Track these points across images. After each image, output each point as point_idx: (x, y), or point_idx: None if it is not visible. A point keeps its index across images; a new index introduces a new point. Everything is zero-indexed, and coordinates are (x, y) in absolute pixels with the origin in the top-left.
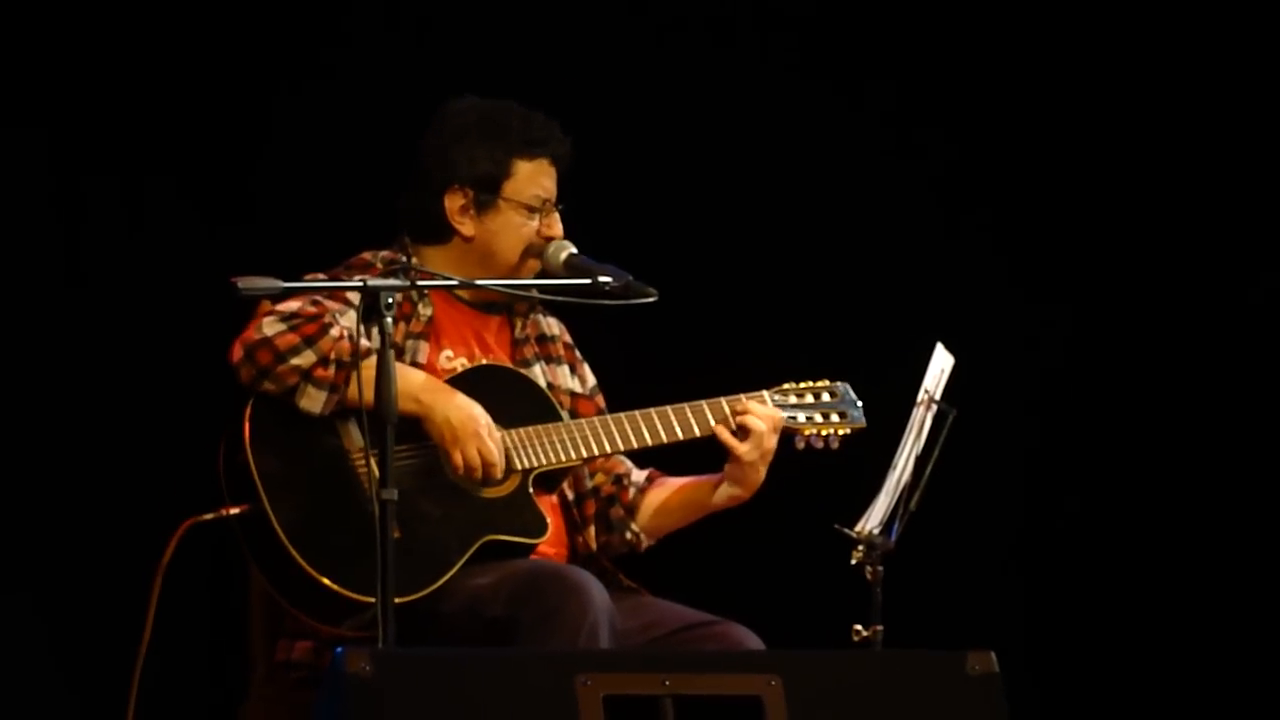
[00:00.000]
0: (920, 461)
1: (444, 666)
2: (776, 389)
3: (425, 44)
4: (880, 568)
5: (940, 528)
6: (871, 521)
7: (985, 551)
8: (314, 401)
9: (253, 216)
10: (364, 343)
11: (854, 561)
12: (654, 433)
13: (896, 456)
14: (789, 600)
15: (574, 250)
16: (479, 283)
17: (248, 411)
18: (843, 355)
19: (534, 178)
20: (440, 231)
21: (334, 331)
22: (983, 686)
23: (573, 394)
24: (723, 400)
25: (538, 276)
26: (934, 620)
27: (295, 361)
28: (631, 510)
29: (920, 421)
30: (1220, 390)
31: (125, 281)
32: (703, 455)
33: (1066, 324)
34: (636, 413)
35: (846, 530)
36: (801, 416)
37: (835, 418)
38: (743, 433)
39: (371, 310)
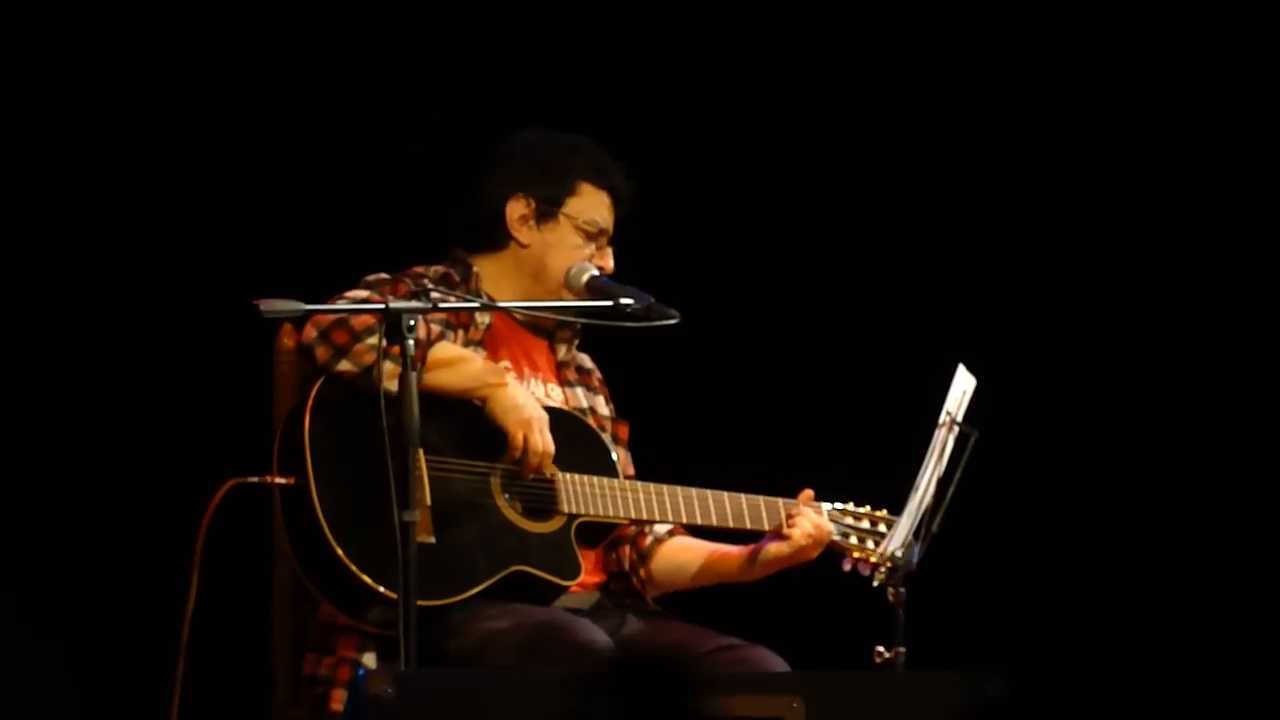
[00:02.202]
0: (942, 483)
1: (465, 688)
2: (838, 507)
3: (448, 74)
4: (902, 589)
5: (962, 550)
6: (894, 543)
7: (1008, 573)
8: (394, 380)
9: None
10: (435, 328)
11: (876, 583)
12: (706, 514)
13: (918, 478)
14: (811, 622)
15: (595, 272)
16: (500, 305)
17: (315, 389)
18: (865, 376)
19: (594, 204)
20: (497, 238)
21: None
22: (1004, 708)
23: (612, 419)
24: (780, 503)
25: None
26: (956, 642)
27: (372, 341)
28: (645, 557)
29: (942, 443)
30: (1247, 417)
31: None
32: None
33: (1091, 345)
34: (693, 490)
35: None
36: (854, 539)
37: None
38: (789, 536)
39: (394, 331)
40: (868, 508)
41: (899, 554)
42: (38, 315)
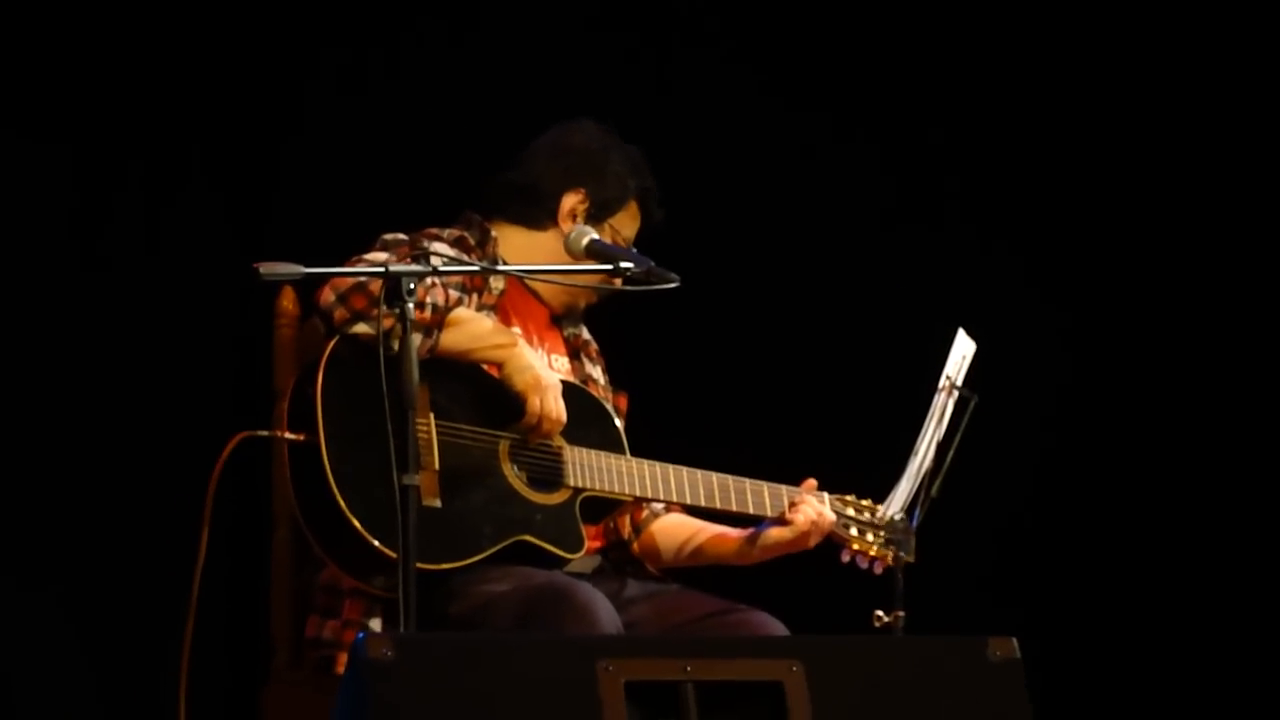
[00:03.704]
0: (942, 447)
1: (466, 652)
2: (839, 496)
3: (448, 40)
4: (901, 554)
5: (962, 513)
6: (893, 507)
7: (1007, 537)
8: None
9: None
10: (453, 294)
11: (879, 573)
12: (710, 496)
13: (918, 442)
14: (810, 586)
15: (595, 236)
16: (500, 269)
17: (329, 347)
18: (865, 340)
19: (633, 221)
20: (540, 218)
21: (427, 279)
22: (1004, 672)
23: (611, 390)
24: (784, 490)
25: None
26: (955, 606)
27: (387, 307)
28: (638, 530)
29: (941, 407)
30: (1246, 376)
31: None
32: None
33: (1090, 310)
34: (698, 472)
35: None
36: (854, 530)
37: (885, 542)
38: (790, 521)
39: (393, 295)
40: (869, 501)
41: (898, 517)
42: (38, 284)
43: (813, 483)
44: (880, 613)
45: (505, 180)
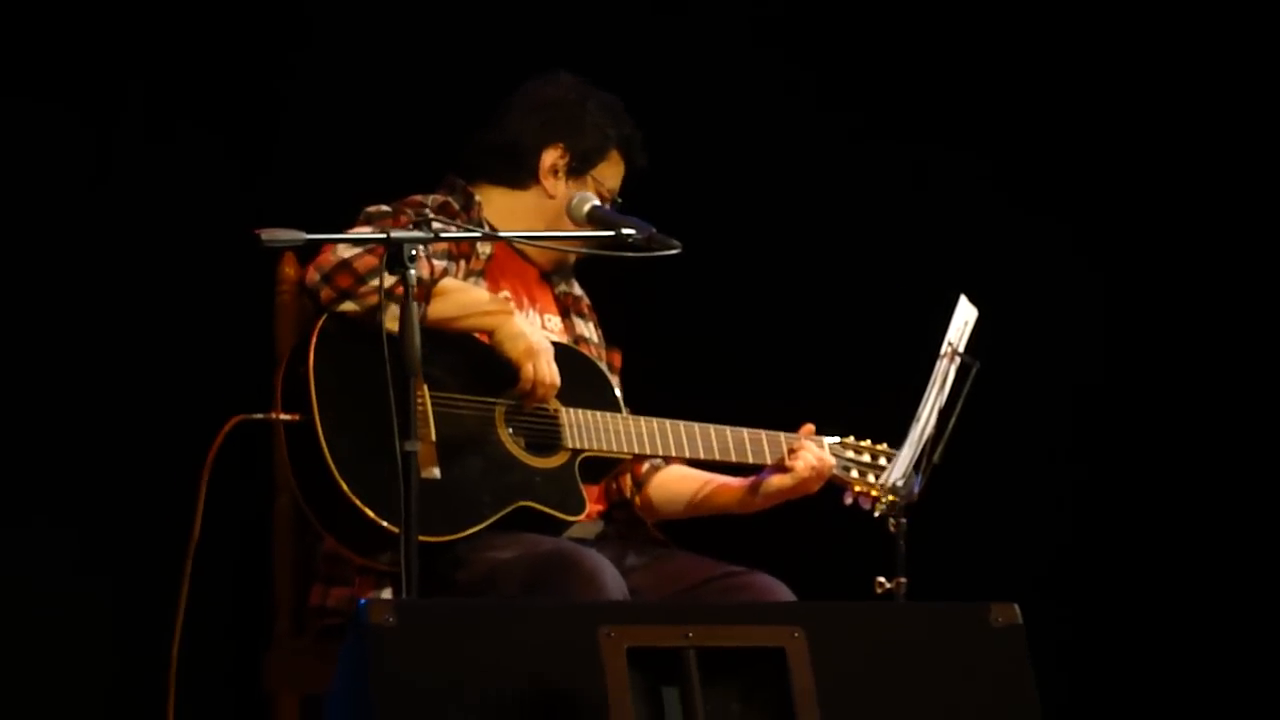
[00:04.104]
0: (943, 414)
1: (468, 618)
2: (840, 440)
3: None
4: (903, 520)
5: (963, 480)
6: (895, 474)
7: (1009, 504)
8: (397, 320)
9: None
10: (438, 264)
11: (877, 514)
12: (709, 449)
13: (920, 409)
14: (812, 552)
15: (597, 202)
16: (500, 235)
17: (318, 324)
18: (867, 306)
19: (616, 171)
20: (521, 178)
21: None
22: (1006, 638)
23: (605, 347)
24: (782, 437)
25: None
26: (957, 573)
27: (375, 282)
28: (640, 484)
29: (943, 374)
30: (1255, 344)
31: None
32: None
33: (1099, 276)
34: (695, 425)
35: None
36: (855, 473)
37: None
38: (791, 468)
39: (395, 261)
40: (868, 442)
41: (900, 484)
42: (36, 250)
43: (810, 428)
44: (882, 579)
45: (483, 141)
